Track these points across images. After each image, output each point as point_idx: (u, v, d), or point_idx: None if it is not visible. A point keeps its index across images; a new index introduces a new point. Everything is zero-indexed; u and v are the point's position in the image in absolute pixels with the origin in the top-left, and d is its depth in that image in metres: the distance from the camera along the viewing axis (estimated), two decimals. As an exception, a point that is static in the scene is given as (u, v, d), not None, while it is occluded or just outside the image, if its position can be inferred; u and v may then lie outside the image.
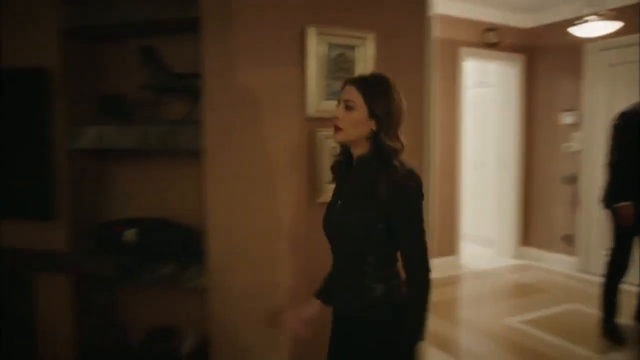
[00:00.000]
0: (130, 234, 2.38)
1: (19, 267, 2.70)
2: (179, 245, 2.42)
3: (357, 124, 1.57)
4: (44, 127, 2.51)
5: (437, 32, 5.15)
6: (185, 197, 2.58)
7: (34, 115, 2.55)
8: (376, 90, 1.58)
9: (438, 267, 5.35)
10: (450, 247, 5.73)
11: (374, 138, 1.58)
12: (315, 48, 2.29)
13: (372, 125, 1.57)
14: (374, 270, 1.61)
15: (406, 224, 1.56)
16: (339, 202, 1.68)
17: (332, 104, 2.34)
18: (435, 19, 5.03)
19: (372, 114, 1.56)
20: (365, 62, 2.40)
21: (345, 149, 1.69)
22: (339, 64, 2.35)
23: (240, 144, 2.29)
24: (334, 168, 1.77)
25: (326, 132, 2.36)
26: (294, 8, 2.34)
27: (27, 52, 2.60)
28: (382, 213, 1.54)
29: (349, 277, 1.67)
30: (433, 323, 3.96)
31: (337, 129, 1.60)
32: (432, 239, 5.37)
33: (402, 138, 1.59)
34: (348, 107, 1.58)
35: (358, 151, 1.64)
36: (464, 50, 5.55)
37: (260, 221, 2.35)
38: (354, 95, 1.58)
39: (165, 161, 2.65)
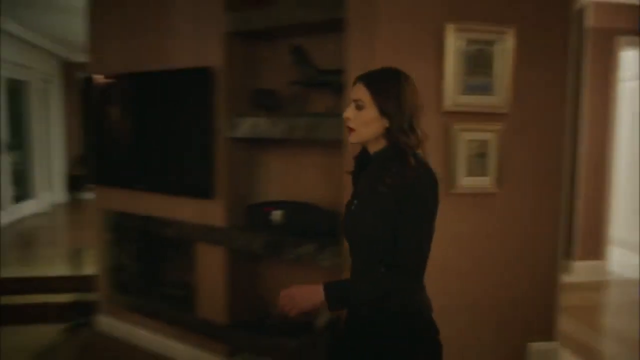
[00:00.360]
0: (277, 215, 2.65)
1: (185, 237, 3.15)
2: (319, 227, 2.64)
3: (369, 123, 1.50)
4: (208, 118, 2.90)
5: (590, 21, 4.82)
6: (325, 183, 2.81)
7: (201, 108, 2.94)
8: (385, 87, 1.49)
9: (581, 270, 5.09)
10: (595, 251, 5.34)
11: (388, 135, 1.50)
12: (453, 44, 2.35)
13: (385, 122, 1.49)
14: (387, 268, 1.50)
15: (407, 222, 1.45)
16: (355, 202, 1.62)
17: (469, 99, 2.41)
18: (588, 8, 4.72)
19: (383, 112, 1.48)
20: (504, 57, 2.40)
21: (363, 148, 1.62)
22: (477, 60, 2.38)
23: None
24: (356, 163, 1.68)
25: (463, 125, 2.42)
26: (433, 5, 2.41)
27: (196, 53, 3.01)
28: (395, 210, 1.45)
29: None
30: (571, 328, 3.80)
31: (350, 129, 1.53)
32: (575, 240, 5.08)
33: (420, 131, 1.51)
34: (358, 107, 1.51)
35: (373, 149, 1.56)
36: (622, 39, 5.10)
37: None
38: (363, 93, 1.50)
39: (309, 150, 2.89)
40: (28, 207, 7.40)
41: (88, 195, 8.71)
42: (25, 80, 7.50)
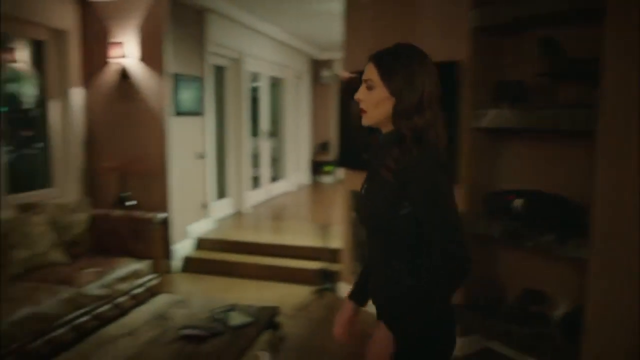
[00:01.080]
0: (519, 203, 2.71)
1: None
2: (561, 218, 2.62)
3: (379, 103, 1.43)
4: (453, 110, 3.08)
5: None
6: (570, 174, 2.76)
7: (446, 99, 3.13)
8: (392, 65, 1.41)
9: None
10: None
11: (392, 117, 1.43)
12: None
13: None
14: (401, 261, 1.44)
15: (425, 207, 1.36)
16: (365, 186, 1.56)
17: None
18: None
19: (392, 91, 1.41)
20: None
21: (378, 130, 1.53)
22: None
23: (637, 127, 2.30)
24: (371, 147, 1.61)
25: None
26: None
27: (441, 49, 3.20)
28: (401, 196, 1.38)
29: (378, 266, 1.54)
30: None
31: (362, 111, 1.48)
32: None
33: (431, 112, 1.40)
34: (369, 87, 1.45)
35: (385, 130, 1.49)
36: None
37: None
38: (372, 73, 1.44)
39: (554, 141, 2.86)
40: (280, 186, 8.61)
41: (327, 179, 9.74)
42: (282, 77, 8.67)
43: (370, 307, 1.67)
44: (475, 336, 3.22)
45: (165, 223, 4.65)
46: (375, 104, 1.44)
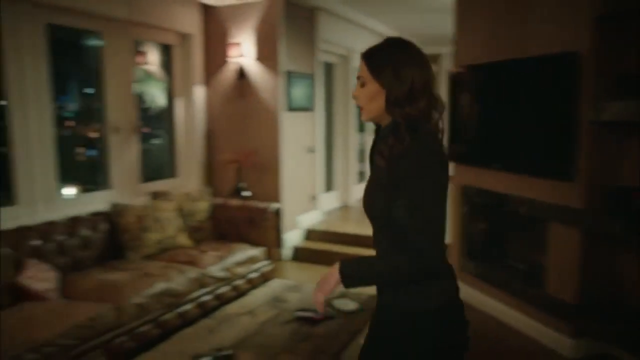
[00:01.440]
0: (645, 200, 2.57)
1: (537, 215, 3.30)
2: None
3: (372, 98, 1.45)
4: (571, 103, 2.96)
5: None
6: None
7: (563, 92, 3.02)
8: (379, 59, 1.43)
9: None
10: None
11: (386, 108, 1.44)
12: None
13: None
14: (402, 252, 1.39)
15: (408, 197, 1.35)
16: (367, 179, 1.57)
17: None
18: None
19: (382, 84, 1.42)
20: None
21: (379, 125, 1.54)
22: None
23: None
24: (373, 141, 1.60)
25: None
26: None
27: (560, 38, 3.09)
28: (394, 186, 1.37)
29: None
30: None
31: (360, 108, 1.50)
32: None
33: (425, 101, 1.40)
34: (362, 84, 1.47)
35: (384, 124, 1.50)
36: None
37: None
38: (363, 70, 1.46)
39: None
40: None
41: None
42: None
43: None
44: (589, 339, 3.09)
45: (277, 213, 4.91)
46: (369, 99, 1.47)
